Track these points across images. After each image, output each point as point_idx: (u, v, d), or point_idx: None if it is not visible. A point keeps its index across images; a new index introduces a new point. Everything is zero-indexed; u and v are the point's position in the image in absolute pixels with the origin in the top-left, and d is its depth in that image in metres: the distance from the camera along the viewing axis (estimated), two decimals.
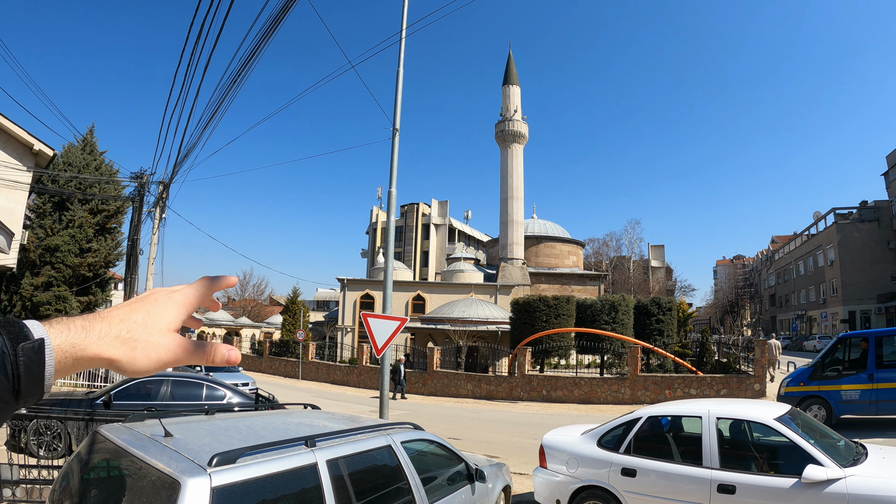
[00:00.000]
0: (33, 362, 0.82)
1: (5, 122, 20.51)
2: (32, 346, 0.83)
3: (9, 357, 0.80)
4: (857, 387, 16.21)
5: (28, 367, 0.81)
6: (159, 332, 0.98)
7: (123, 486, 4.15)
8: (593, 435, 8.57)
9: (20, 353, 0.81)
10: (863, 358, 16.57)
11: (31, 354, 0.82)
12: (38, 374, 0.83)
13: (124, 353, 0.94)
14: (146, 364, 0.96)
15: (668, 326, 32.26)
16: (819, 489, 6.29)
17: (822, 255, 70.12)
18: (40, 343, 0.84)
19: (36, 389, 0.83)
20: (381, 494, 5.15)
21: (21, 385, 0.81)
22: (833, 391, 16.63)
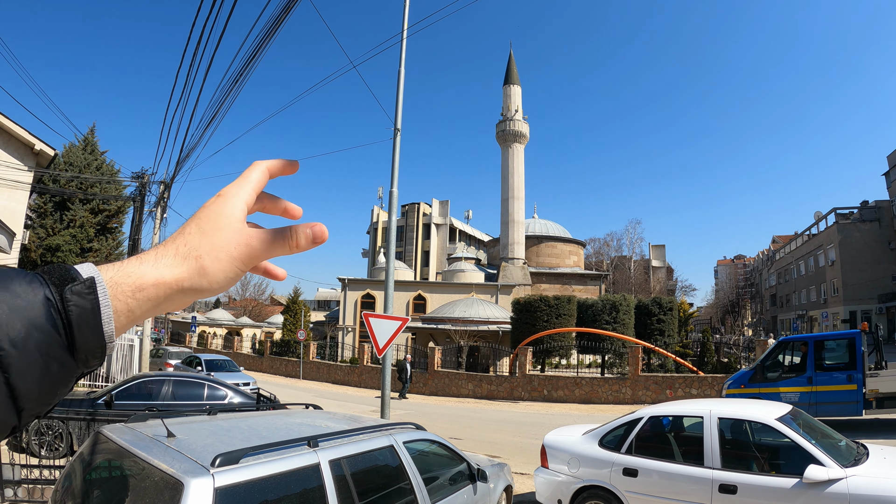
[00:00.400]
0: (86, 306, 0.66)
1: (6, 121, 20.52)
2: (83, 287, 0.67)
3: (55, 304, 0.65)
4: (797, 389, 16.88)
5: (81, 313, 0.66)
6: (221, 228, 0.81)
7: (126, 487, 4.16)
8: (595, 435, 8.58)
9: (69, 297, 0.65)
10: (802, 362, 17.27)
11: (82, 296, 0.66)
12: (95, 321, 0.67)
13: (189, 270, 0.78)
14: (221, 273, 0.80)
15: (669, 326, 32.25)
16: (820, 489, 6.29)
17: (823, 255, 70.05)
18: (90, 281, 0.68)
19: (95, 341, 0.68)
20: (383, 494, 5.16)
21: (76, 337, 0.66)
22: (773, 393, 17.07)
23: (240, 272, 0.82)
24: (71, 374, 0.67)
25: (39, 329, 0.63)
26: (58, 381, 0.66)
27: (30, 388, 0.63)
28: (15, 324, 0.61)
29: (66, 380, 0.67)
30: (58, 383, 0.66)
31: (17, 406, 0.62)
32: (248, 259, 0.82)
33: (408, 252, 73.18)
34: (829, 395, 16.31)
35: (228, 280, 0.81)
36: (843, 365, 16.77)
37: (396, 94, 14.49)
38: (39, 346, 0.63)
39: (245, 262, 0.82)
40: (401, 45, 14.73)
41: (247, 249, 0.81)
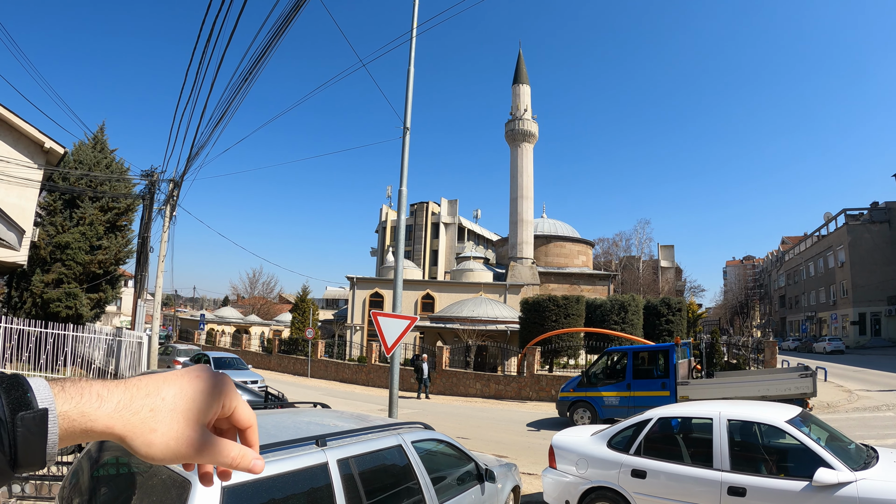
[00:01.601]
0: (33, 434, 0.74)
1: (17, 120, 20.62)
2: (34, 417, 0.75)
3: (6, 426, 0.73)
4: (617, 394, 19.11)
5: (27, 439, 0.74)
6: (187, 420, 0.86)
7: (133, 485, 4.16)
8: (603, 436, 8.55)
9: (19, 424, 0.73)
10: (623, 370, 19.46)
11: (31, 426, 0.74)
12: (38, 448, 0.75)
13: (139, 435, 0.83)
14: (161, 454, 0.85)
15: (678, 327, 32.17)
16: (830, 492, 6.25)
17: (833, 257, 69.76)
18: (42, 414, 0.76)
19: (36, 460, 0.76)
20: (391, 494, 5.15)
21: (18, 457, 0.74)
22: (597, 397, 19.44)
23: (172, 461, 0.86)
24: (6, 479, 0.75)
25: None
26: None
27: None
28: None
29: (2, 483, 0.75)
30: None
31: None
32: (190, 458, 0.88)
33: (416, 251, 73.21)
34: (645, 401, 17.59)
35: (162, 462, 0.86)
36: (659, 374, 18.85)
37: (406, 93, 14.47)
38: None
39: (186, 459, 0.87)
40: (410, 44, 14.71)
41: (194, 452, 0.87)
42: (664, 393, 18.07)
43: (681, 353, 19.06)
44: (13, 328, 16.81)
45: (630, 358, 19.50)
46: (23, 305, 25.96)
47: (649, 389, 18.54)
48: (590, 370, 20.37)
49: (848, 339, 61.86)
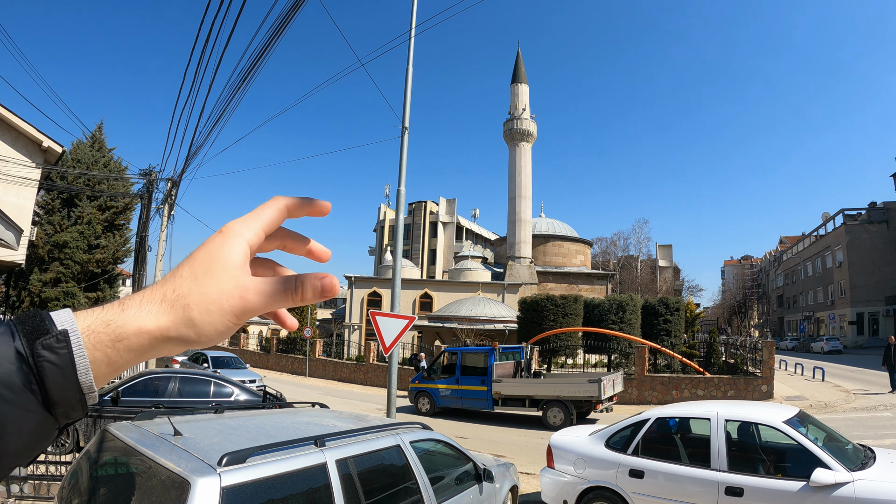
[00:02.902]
0: (58, 362, 0.62)
1: (15, 119, 20.60)
2: (54, 340, 0.62)
3: (26, 360, 0.61)
4: (449, 387, 22.33)
5: (53, 368, 0.62)
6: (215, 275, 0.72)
7: (133, 485, 4.16)
8: (601, 436, 8.57)
9: (40, 352, 0.61)
10: (454, 366, 22.52)
11: (54, 351, 0.62)
12: (69, 376, 0.62)
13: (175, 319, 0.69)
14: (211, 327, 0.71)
15: (676, 327, 32.13)
16: (827, 493, 6.27)
17: (831, 256, 69.82)
18: (63, 334, 0.63)
19: (73, 395, 0.64)
20: (389, 494, 5.16)
21: (51, 392, 0.62)
22: (435, 388, 22.84)
23: (233, 326, 0.73)
24: (50, 429, 0.64)
25: (9, 387, 0.60)
26: (34, 435, 0.63)
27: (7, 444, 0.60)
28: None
29: (45, 434, 0.64)
30: (35, 438, 0.63)
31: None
32: (242, 313, 0.73)
33: (414, 250, 73.17)
34: (469, 393, 21.67)
35: (219, 334, 0.72)
36: (480, 371, 21.70)
37: (404, 93, 14.48)
38: (9, 403, 0.60)
39: (238, 315, 0.73)
40: (409, 44, 14.72)
41: (240, 303, 0.72)
42: (483, 388, 21.28)
43: (503, 356, 22.64)
44: None
45: (460, 357, 22.61)
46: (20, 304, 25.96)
47: (472, 385, 21.64)
48: (431, 366, 23.81)
49: (846, 339, 61.94)
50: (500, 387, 20.76)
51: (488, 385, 21.07)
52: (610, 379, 20.28)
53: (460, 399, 21.94)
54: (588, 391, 18.82)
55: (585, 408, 19.48)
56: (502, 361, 22.34)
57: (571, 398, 19.22)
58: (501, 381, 20.94)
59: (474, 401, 21.56)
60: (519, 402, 20.60)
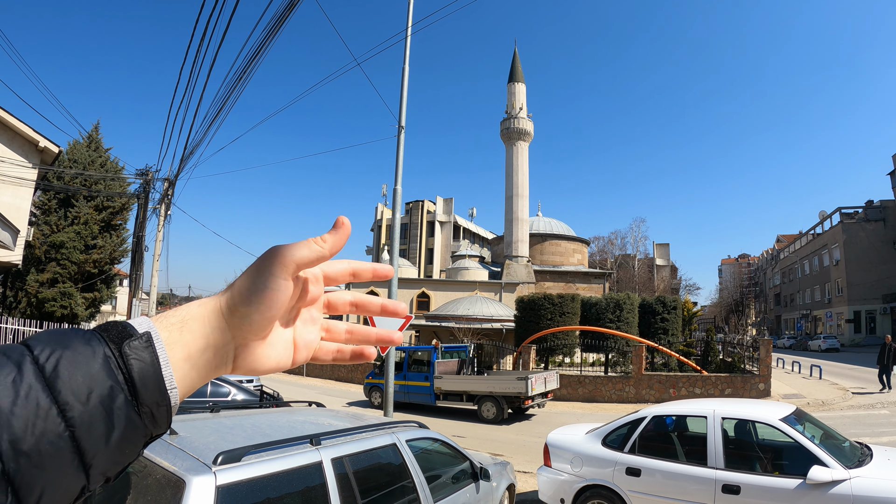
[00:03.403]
0: (146, 359, 0.65)
1: (11, 119, 20.57)
2: (140, 342, 0.66)
3: (114, 360, 0.64)
4: (399, 382, 23.48)
5: (142, 366, 0.65)
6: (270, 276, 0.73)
7: (128, 484, 4.15)
8: (598, 434, 8.57)
9: (128, 353, 0.64)
10: (402, 363, 24.12)
11: (141, 350, 0.65)
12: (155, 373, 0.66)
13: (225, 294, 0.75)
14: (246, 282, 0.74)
15: (673, 325, 32.13)
16: (824, 490, 6.28)
17: (828, 255, 69.92)
18: (147, 336, 0.67)
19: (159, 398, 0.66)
20: (385, 493, 5.15)
21: (138, 390, 0.64)
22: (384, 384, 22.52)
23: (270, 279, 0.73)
24: (140, 433, 0.66)
25: (102, 384, 0.62)
26: (125, 438, 0.64)
27: (96, 444, 0.61)
28: (77, 379, 0.60)
29: (136, 438, 0.66)
30: (125, 441, 0.64)
31: (85, 463, 0.60)
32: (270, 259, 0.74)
33: (412, 249, 73.18)
34: (416, 388, 23.53)
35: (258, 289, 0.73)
36: (425, 368, 23.50)
37: (401, 92, 14.47)
38: (103, 401, 0.61)
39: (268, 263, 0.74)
40: (405, 43, 14.71)
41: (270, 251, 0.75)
42: (426, 384, 23.09)
43: (448, 354, 25.10)
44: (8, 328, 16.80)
45: (407, 355, 24.50)
46: (18, 305, 25.92)
47: (418, 380, 23.53)
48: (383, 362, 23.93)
49: (843, 338, 62.06)
50: (440, 383, 22.52)
51: (431, 381, 22.90)
52: (541, 377, 21.62)
53: (407, 394, 23.82)
54: (517, 388, 20.29)
55: (517, 403, 20.75)
56: (446, 359, 24.59)
57: (502, 394, 20.78)
58: (442, 377, 22.74)
59: (419, 395, 23.49)
60: (458, 396, 22.28)
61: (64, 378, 0.59)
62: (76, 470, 0.59)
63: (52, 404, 0.58)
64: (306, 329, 0.84)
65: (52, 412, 0.58)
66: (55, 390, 0.59)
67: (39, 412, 0.57)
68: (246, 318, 0.73)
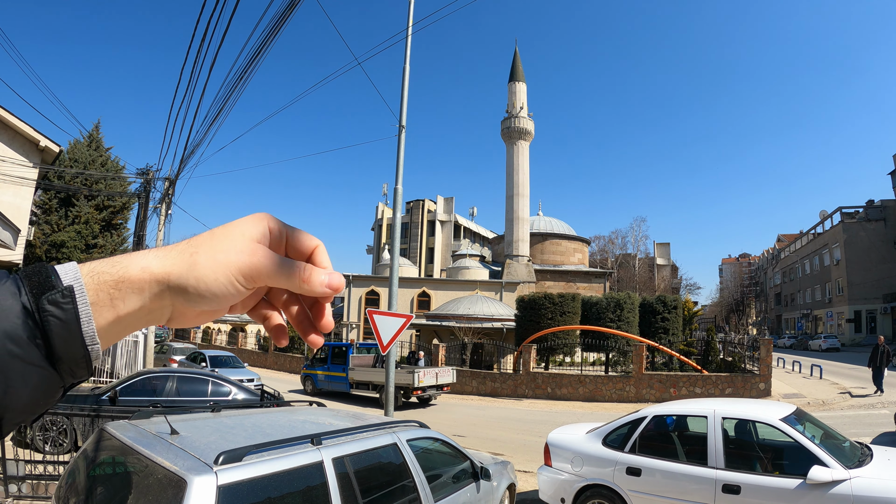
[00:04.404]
0: (63, 317, 0.63)
1: (12, 118, 20.57)
2: (60, 295, 0.63)
3: (31, 314, 0.62)
4: (323, 373, 27.85)
5: (59, 323, 0.63)
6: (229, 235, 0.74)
7: (130, 484, 4.16)
8: (598, 434, 8.57)
9: (45, 308, 0.62)
10: (327, 357, 28.02)
11: (59, 306, 0.63)
12: (74, 331, 0.64)
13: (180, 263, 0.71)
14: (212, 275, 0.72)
15: (674, 325, 32.12)
16: (824, 490, 6.28)
17: (829, 254, 69.86)
18: (69, 290, 0.64)
19: (78, 351, 0.64)
20: (386, 492, 5.16)
21: (56, 347, 0.63)
22: (314, 374, 28.35)
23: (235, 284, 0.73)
24: (54, 385, 0.65)
25: (15, 340, 0.61)
26: (39, 391, 0.64)
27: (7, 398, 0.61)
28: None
29: (50, 390, 0.65)
30: (39, 394, 0.64)
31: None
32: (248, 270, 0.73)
33: (412, 249, 73.19)
34: (336, 378, 27.10)
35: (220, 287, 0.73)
36: (341, 361, 27.26)
37: (401, 91, 14.47)
38: (14, 357, 0.60)
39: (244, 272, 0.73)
40: (406, 42, 14.71)
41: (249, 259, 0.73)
42: (343, 374, 26.66)
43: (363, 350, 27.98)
44: None
45: (331, 350, 28.20)
46: None
47: (337, 372, 27.08)
48: (314, 356, 29.52)
49: (843, 337, 62.02)
50: (353, 374, 26.26)
51: (346, 372, 26.55)
52: (431, 372, 25.07)
53: (330, 383, 27.48)
54: (406, 379, 23.75)
55: (408, 392, 24.08)
56: (362, 354, 27.60)
57: (398, 385, 23.48)
58: (355, 369, 26.26)
59: (338, 384, 27.12)
60: (366, 386, 25.94)
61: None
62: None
63: None
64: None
65: None
66: None
67: None
68: (192, 302, 0.73)
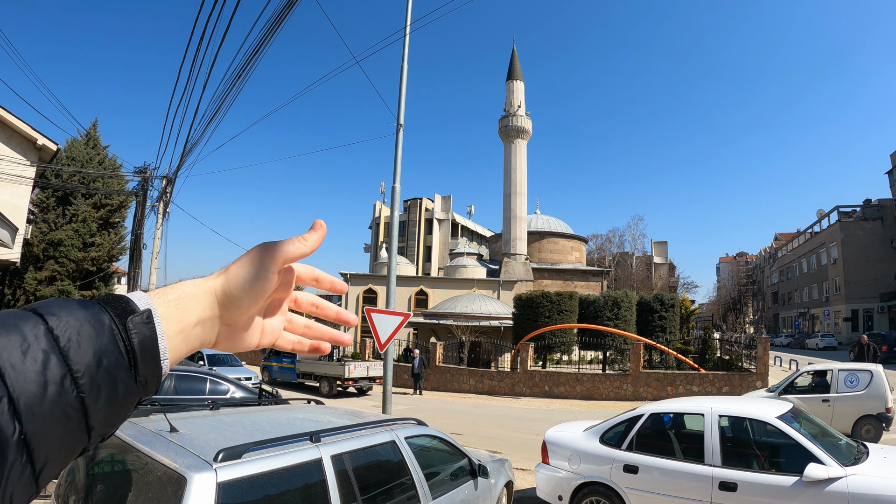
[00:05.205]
0: (146, 336, 0.72)
1: (9, 117, 20.54)
2: (142, 318, 0.73)
3: (119, 333, 0.70)
4: (277, 365, 31.45)
5: (143, 340, 0.72)
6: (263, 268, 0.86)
7: (129, 482, 4.18)
8: (596, 431, 8.60)
9: (131, 327, 0.71)
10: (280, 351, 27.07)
11: (141, 328, 0.72)
12: (153, 347, 0.73)
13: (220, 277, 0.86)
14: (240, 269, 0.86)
15: (671, 323, 32.19)
16: (820, 488, 6.31)
17: (826, 253, 69.97)
18: (148, 313, 0.74)
19: (154, 367, 0.74)
20: (384, 490, 5.17)
21: (138, 363, 0.71)
22: (271, 366, 31.85)
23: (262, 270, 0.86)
24: (134, 398, 0.73)
25: (109, 354, 0.69)
26: (123, 403, 0.71)
27: (100, 408, 0.68)
28: (88, 349, 0.67)
29: (130, 403, 0.73)
30: (123, 406, 0.72)
31: (89, 425, 0.67)
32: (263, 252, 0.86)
33: (410, 247, 73.15)
34: (286, 369, 30.79)
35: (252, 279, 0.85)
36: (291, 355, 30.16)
37: (399, 90, 14.48)
38: (109, 370, 0.68)
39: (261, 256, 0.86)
40: (404, 41, 14.72)
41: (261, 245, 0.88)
42: (292, 366, 30.39)
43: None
44: None
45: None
46: (16, 303, 25.89)
47: (288, 364, 30.68)
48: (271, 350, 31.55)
49: (840, 336, 62.11)
50: (300, 366, 29.99)
51: (294, 364, 30.37)
52: (362, 365, 28.12)
53: (282, 373, 31.04)
54: (337, 371, 27.27)
55: (341, 383, 27.20)
56: None
57: (332, 375, 27.62)
58: (301, 361, 29.95)
59: (288, 374, 30.76)
60: (308, 376, 29.50)
61: (76, 348, 0.66)
62: (81, 431, 0.66)
63: (66, 371, 0.64)
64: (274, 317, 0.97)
65: (66, 379, 0.64)
66: (68, 359, 0.65)
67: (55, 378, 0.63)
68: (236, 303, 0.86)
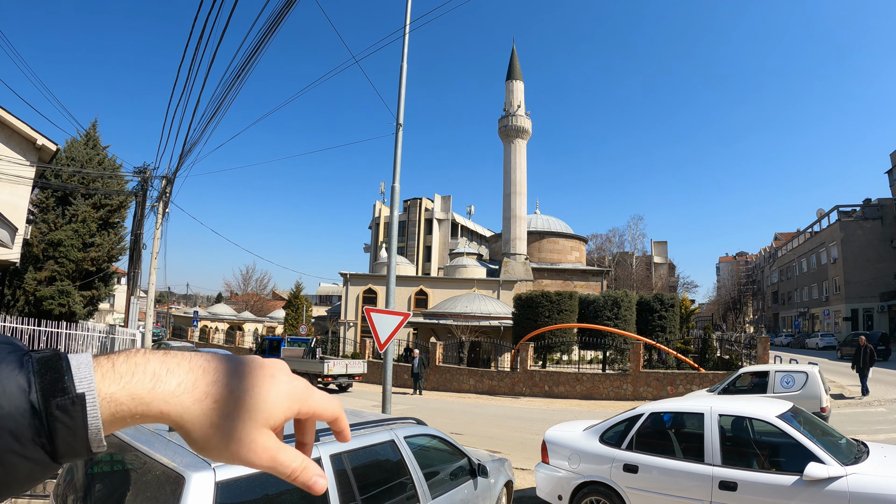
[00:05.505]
0: (72, 422, 0.63)
1: (8, 117, 20.52)
2: (71, 402, 0.63)
3: (40, 415, 0.62)
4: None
5: (65, 427, 0.63)
6: (254, 422, 0.72)
7: (128, 481, 4.17)
8: (595, 431, 8.59)
9: (54, 411, 0.62)
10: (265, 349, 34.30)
11: (68, 413, 0.63)
12: (80, 437, 0.64)
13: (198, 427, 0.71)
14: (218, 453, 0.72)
15: (671, 323, 32.19)
16: (820, 487, 6.30)
17: (826, 253, 69.95)
18: (80, 398, 0.64)
19: (79, 450, 0.65)
20: (384, 489, 5.16)
21: (58, 448, 0.63)
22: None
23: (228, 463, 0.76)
24: (50, 471, 0.65)
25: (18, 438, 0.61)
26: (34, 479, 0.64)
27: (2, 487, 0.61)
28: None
29: (45, 474, 0.65)
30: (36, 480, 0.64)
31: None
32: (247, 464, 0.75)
33: (410, 247, 73.15)
34: None
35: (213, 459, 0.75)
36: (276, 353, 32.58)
37: (399, 89, 14.47)
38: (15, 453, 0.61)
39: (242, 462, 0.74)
40: (403, 40, 14.71)
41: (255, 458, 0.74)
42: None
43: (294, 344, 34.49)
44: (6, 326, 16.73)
45: (269, 343, 34.89)
46: (16, 304, 25.86)
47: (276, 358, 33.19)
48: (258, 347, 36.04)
49: (840, 336, 62.08)
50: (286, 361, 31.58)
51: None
52: (342, 363, 29.85)
53: None
54: (317, 368, 28.59)
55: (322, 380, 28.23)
56: (293, 347, 33.40)
57: (313, 372, 28.36)
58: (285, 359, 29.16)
59: None
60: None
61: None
62: None
63: None
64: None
65: None
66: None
67: None
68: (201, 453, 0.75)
